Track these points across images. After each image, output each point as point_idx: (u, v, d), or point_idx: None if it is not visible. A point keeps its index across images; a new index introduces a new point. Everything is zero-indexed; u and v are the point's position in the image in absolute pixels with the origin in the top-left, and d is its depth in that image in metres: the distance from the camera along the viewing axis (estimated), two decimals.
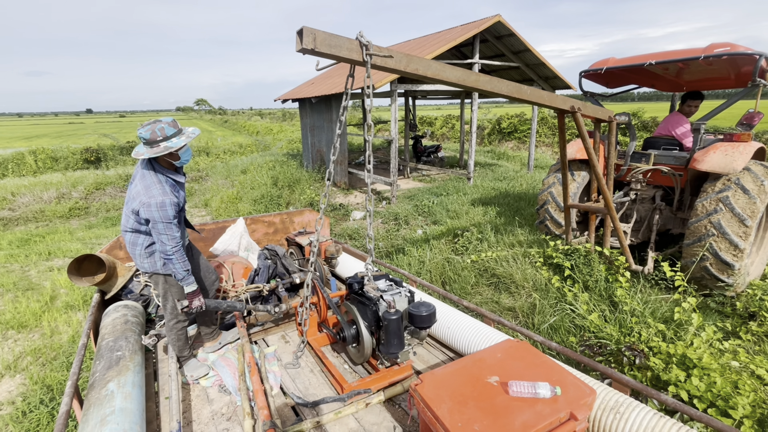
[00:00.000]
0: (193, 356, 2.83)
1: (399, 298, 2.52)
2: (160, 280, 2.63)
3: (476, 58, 9.31)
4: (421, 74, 2.30)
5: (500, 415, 1.66)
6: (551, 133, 18.70)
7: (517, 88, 2.91)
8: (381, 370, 2.61)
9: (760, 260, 4.57)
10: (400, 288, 2.61)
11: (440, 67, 2.38)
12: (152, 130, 2.27)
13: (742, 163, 3.96)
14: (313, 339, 3.02)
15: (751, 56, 3.88)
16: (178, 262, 2.42)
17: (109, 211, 11.01)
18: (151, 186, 2.31)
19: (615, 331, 3.39)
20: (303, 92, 12.00)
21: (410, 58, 2.22)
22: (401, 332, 2.41)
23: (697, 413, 1.95)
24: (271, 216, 4.90)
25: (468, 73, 2.54)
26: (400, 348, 2.42)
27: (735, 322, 3.67)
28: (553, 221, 5.36)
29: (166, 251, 2.36)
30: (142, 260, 2.56)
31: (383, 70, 2.22)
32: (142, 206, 2.28)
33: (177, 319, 2.70)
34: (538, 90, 3.09)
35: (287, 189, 10.11)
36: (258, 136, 30.32)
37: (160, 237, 2.33)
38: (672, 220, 4.89)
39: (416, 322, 2.41)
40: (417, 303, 2.48)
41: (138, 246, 2.52)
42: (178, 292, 2.66)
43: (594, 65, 5.05)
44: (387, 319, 2.35)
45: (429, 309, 2.40)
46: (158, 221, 2.29)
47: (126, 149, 19.81)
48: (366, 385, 2.50)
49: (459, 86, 2.59)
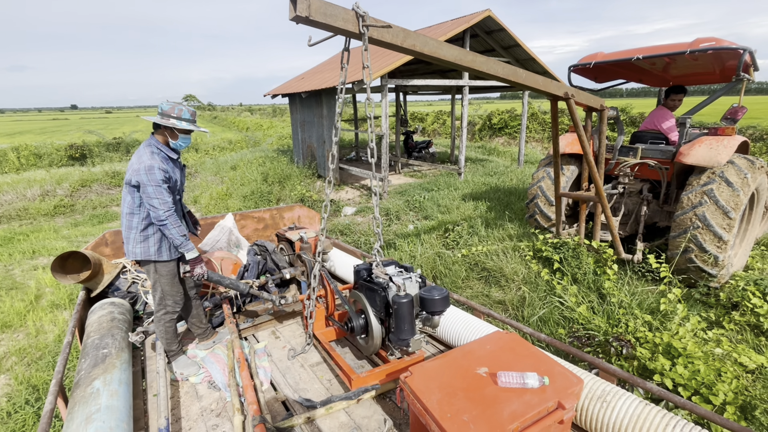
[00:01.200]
0: (182, 352, 2.80)
1: (410, 283, 2.42)
2: (151, 269, 2.59)
3: None
4: (418, 51, 2.24)
5: (489, 405, 1.67)
6: (541, 129, 18.83)
7: (512, 71, 2.88)
8: (391, 362, 2.52)
9: (743, 252, 4.67)
10: (410, 273, 2.50)
11: (437, 45, 2.33)
12: (173, 107, 2.45)
13: (726, 157, 4.03)
14: (321, 333, 2.96)
15: (735, 51, 3.94)
16: (173, 226, 2.41)
17: (96, 208, 10.80)
18: (143, 155, 2.40)
19: (603, 323, 3.45)
20: (293, 87, 11.89)
21: (407, 33, 2.17)
22: (412, 317, 2.30)
23: (682, 401, 1.99)
24: (260, 212, 4.86)
25: (465, 52, 2.50)
26: (411, 334, 2.32)
27: (718, 312, 3.75)
28: (542, 215, 5.41)
29: (159, 216, 2.36)
30: (135, 245, 2.51)
31: (379, 45, 2.15)
32: (134, 173, 2.35)
33: (165, 310, 2.67)
34: (534, 74, 3.07)
35: (277, 185, 10.03)
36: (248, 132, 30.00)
37: (151, 202, 2.34)
38: (659, 213, 4.96)
39: (428, 307, 2.29)
40: (429, 287, 2.38)
41: (133, 229, 2.49)
42: (168, 283, 2.63)
43: (583, 60, 5.08)
44: (397, 302, 2.24)
45: (442, 293, 2.29)
46: (147, 184, 2.33)
47: (113, 146, 19.43)
48: (376, 376, 2.42)
49: (455, 66, 2.53)
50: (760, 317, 3.40)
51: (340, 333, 3.01)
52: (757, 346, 3.24)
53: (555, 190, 4.48)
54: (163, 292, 2.64)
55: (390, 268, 2.56)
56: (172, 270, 2.64)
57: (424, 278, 2.53)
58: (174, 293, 2.68)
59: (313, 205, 8.91)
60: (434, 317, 2.40)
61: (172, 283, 2.65)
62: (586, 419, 2.03)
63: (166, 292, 2.65)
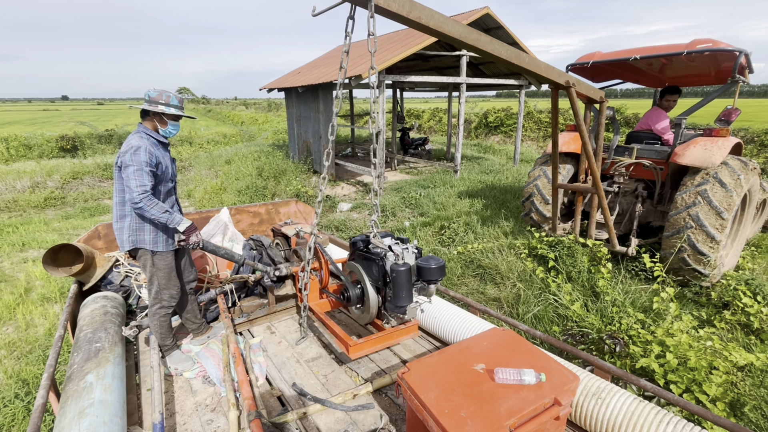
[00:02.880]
0: (176, 347, 2.78)
1: (407, 253, 2.46)
2: (147, 261, 2.54)
3: (464, 50, 9.29)
4: (423, 23, 2.21)
5: (486, 402, 1.67)
6: (537, 128, 18.90)
7: (516, 54, 2.84)
8: (387, 329, 2.53)
9: (735, 252, 4.74)
10: (407, 244, 2.54)
11: (443, 19, 2.29)
12: (160, 93, 2.44)
13: (720, 158, 4.07)
14: (315, 304, 2.99)
15: (731, 53, 3.97)
16: (150, 207, 2.31)
17: (87, 201, 10.66)
18: (131, 139, 2.37)
19: (597, 321, 3.48)
20: (289, 81, 11.79)
21: (414, 4, 2.13)
22: (410, 285, 2.34)
23: (674, 397, 2.01)
24: (256, 206, 4.82)
25: (470, 30, 2.45)
26: (409, 301, 2.36)
27: (710, 311, 3.80)
28: (538, 213, 5.43)
29: (133, 199, 2.28)
30: (130, 234, 2.46)
31: (384, 15, 2.11)
32: (120, 155, 2.32)
33: (161, 304, 2.64)
34: (536, 60, 3.05)
35: (273, 180, 9.97)
36: (243, 126, 29.74)
37: (128, 183, 2.28)
38: (653, 213, 5.01)
39: (425, 275, 2.33)
40: (426, 257, 2.43)
41: (127, 216, 2.45)
42: (165, 276, 2.60)
43: (580, 59, 5.10)
44: (396, 270, 2.28)
45: (438, 262, 2.33)
46: (129, 164, 2.27)
47: (105, 138, 19.16)
48: (372, 343, 2.44)
49: (459, 43, 2.49)
50: (751, 316, 3.45)
51: (335, 304, 3.03)
52: (747, 345, 3.29)
53: (552, 181, 4.51)
54: (159, 286, 2.60)
55: (387, 240, 2.59)
56: (169, 263, 2.60)
57: (420, 249, 2.56)
58: (170, 287, 2.64)
59: (309, 201, 8.87)
60: (430, 286, 2.44)
61: (169, 277, 2.62)
62: (582, 416, 2.05)
63: (163, 286, 2.61)
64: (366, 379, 2.56)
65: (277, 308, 3.42)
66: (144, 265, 2.57)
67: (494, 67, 11.93)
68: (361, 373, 2.63)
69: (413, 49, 8.41)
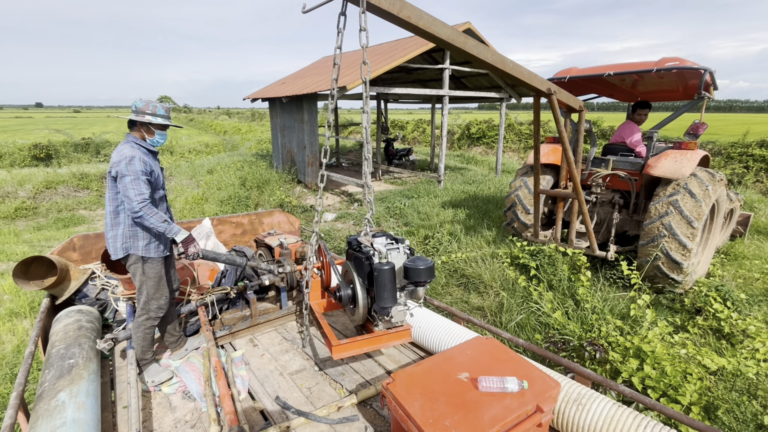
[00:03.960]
0: (154, 360, 2.70)
1: (396, 253, 2.41)
2: (138, 270, 2.52)
3: (447, 64, 9.50)
4: (412, 23, 2.25)
5: (470, 410, 1.69)
6: (517, 140, 19.35)
7: (501, 59, 2.90)
8: (375, 332, 2.48)
9: (705, 259, 4.93)
10: (398, 244, 2.48)
11: (432, 20, 2.33)
12: (147, 104, 2.46)
13: (689, 170, 4.27)
14: (315, 303, 2.97)
15: (697, 71, 4.19)
16: (150, 216, 2.35)
17: (61, 211, 10.30)
18: (123, 149, 2.39)
19: (577, 328, 3.55)
20: (273, 92, 11.78)
21: (404, 4, 2.17)
22: (393, 286, 2.28)
23: (651, 402, 2.07)
24: (239, 217, 4.77)
25: (457, 32, 2.50)
26: (392, 303, 2.30)
27: (683, 317, 3.93)
28: (520, 223, 5.54)
29: (133, 208, 2.31)
30: (123, 241, 2.44)
31: (375, 13, 2.14)
32: (114, 166, 2.33)
33: (148, 315, 2.59)
34: (520, 66, 3.12)
35: (256, 190, 9.86)
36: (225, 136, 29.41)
37: (127, 192, 2.29)
38: (628, 222, 5.18)
39: (412, 276, 2.26)
40: (414, 257, 2.36)
41: (121, 224, 2.44)
42: (155, 285, 2.57)
43: (558, 74, 5.28)
44: (378, 269, 2.23)
45: (427, 263, 2.27)
46: (125, 175, 2.29)
47: (81, 146, 18.62)
48: (357, 345, 2.38)
49: (446, 45, 2.53)
50: (721, 321, 3.59)
51: (336, 305, 2.98)
52: (718, 349, 3.42)
53: (534, 187, 4.62)
54: (148, 296, 2.57)
55: (380, 239, 2.55)
56: (159, 272, 2.58)
57: (413, 250, 2.52)
58: (159, 297, 2.61)
59: (293, 211, 8.81)
60: (418, 289, 2.37)
61: (157, 286, 2.59)
62: (563, 422, 2.09)
63: (151, 296, 2.58)
64: (351, 391, 2.54)
65: (260, 320, 3.37)
66: (134, 274, 2.54)
67: (476, 80, 12.23)
68: (346, 384, 2.61)
69: (397, 61, 8.55)
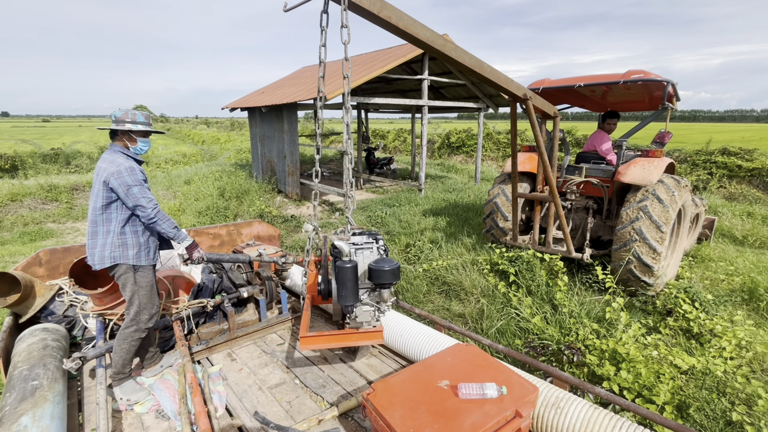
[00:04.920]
0: (130, 377, 2.59)
1: (368, 252, 2.40)
2: (129, 280, 2.45)
3: (425, 74, 9.67)
4: (393, 23, 2.26)
5: (451, 418, 1.69)
6: (496, 149, 19.79)
7: (478, 63, 2.95)
8: (346, 329, 2.47)
9: (675, 263, 5.13)
10: (372, 244, 2.47)
11: (411, 22, 2.36)
12: (126, 113, 2.47)
13: (657, 176, 4.46)
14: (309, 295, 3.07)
15: (660, 83, 4.41)
16: (163, 221, 2.44)
17: (27, 225, 9.83)
18: (116, 158, 2.39)
19: (556, 332, 3.62)
20: (253, 101, 11.69)
21: (384, 4, 2.19)
22: (353, 285, 2.26)
23: (626, 403, 2.13)
24: (216, 228, 4.67)
25: (436, 35, 2.53)
26: (352, 301, 2.29)
27: (656, 318, 4.07)
28: (498, 229, 5.64)
29: (148, 215, 2.37)
30: (112, 250, 2.38)
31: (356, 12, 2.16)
32: (112, 176, 2.31)
33: (137, 326, 2.51)
34: (497, 71, 3.19)
35: (235, 200, 9.70)
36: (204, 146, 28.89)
37: (138, 202, 2.34)
38: (602, 228, 5.35)
39: (374, 278, 2.25)
40: (380, 259, 2.35)
41: (110, 233, 2.38)
42: (147, 294, 2.51)
43: (531, 85, 5.45)
44: (338, 267, 2.23)
45: (392, 264, 2.25)
46: (132, 185, 2.33)
47: (50, 157, 17.91)
48: (325, 339, 2.41)
49: (426, 47, 2.55)
50: (690, 322, 3.73)
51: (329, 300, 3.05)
52: (689, 349, 3.54)
53: (512, 190, 4.72)
54: (140, 306, 2.49)
55: (357, 237, 2.56)
56: (150, 280, 2.53)
57: (387, 250, 2.52)
58: (151, 307, 2.55)
59: (273, 221, 8.70)
60: (383, 291, 2.35)
61: (150, 295, 2.53)
62: (542, 426, 2.11)
63: (143, 306, 2.50)
64: (332, 403, 2.50)
65: (238, 334, 3.29)
66: (124, 285, 2.47)
67: (454, 90, 12.48)
68: (327, 397, 2.57)
69: (377, 71, 8.65)
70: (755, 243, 6.63)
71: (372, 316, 2.44)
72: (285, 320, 3.57)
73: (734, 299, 4.39)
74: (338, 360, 2.99)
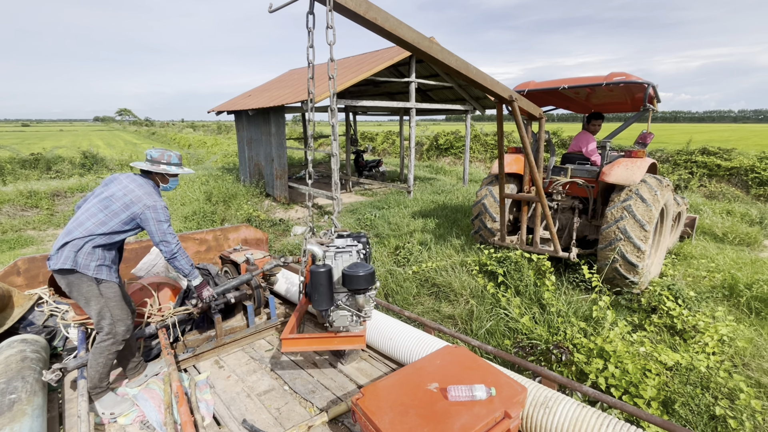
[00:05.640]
0: (109, 390, 2.52)
1: (347, 256, 2.38)
2: (93, 293, 2.37)
3: (413, 77, 9.72)
4: (379, 24, 2.25)
5: (440, 421, 1.69)
6: (483, 150, 19.97)
7: (464, 65, 2.96)
8: (328, 332, 2.46)
9: (658, 261, 5.24)
10: (352, 247, 2.44)
11: (397, 23, 2.35)
12: (162, 153, 2.64)
13: (639, 176, 4.55)
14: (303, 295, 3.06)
15: (641, 84, 4.51)
16: (183, 257, 2.58)
17: (6, 232, 9.54)
18: (152, 192, 2.54)
19: (544, 332, 3.65)
20: (239, 104, 11.58)
21: (370, 5, 2.18)
22: (327, 289, 2.25)
23: (613, 400, 2.15)
24: (203, 233, 4.60)
25: (423, 36, 2.53)
26: (326, 305, 2.28)
27: (641, 316, 4.14)
28: (487, 230, 5.68)
29: (171, 250, 2.52)
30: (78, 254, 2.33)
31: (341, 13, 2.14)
32: (148, 209, 2.44)
33: (113, 339, 2.42)
34: (483, 72, 3.19)
35: (222, 204, 9.58)
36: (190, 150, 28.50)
37: (166, 237, 2.50)
38: (588, 227, 5.43)
39: (347, 283, 2.22)
40: (354, 263, 2.31)
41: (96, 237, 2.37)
42: (118, 306, 2.44)
43: (517, 87, 5.52)
44: (312, 271, 2.22)
45: (367, 269, 2.21)
46: (164, 221, 2.49)
47: (30, 162, 17.42)
48: (306, 342, 2.41)
49: (412, 49, 2.55)
50: (674, 319, 3.80)
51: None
52: (673, 345, 3.61)
53: (500, 191, 4.77)
54: (113, 318, 2.41)
55: (340, 240, 2.55)
56: (117, 292, 2.46)
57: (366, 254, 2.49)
58: (125, 317, 2.48)
59: (261, 225, 8.61)
60: (357, 297, 2.32)
61: (121, 306, 2.46)
62: (531, 426, 2.12)
63: (117, 317, 2.42)
64: (321, 409, 2.48)
65: (226, 340, 3.24)
66: (88, 299, 2.37)
67: (441, 93, 12.56)
68: (317, 402, 2.55)
69: (364, 74, 8.66)
70: (734, 240, 6.82)
71: (350, 321, 2.41)
72: (273, 325, 3.53)
73: (715, 295, 4.50)
74: (328, 365, 2.96)
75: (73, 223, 2.40)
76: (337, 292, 2.43)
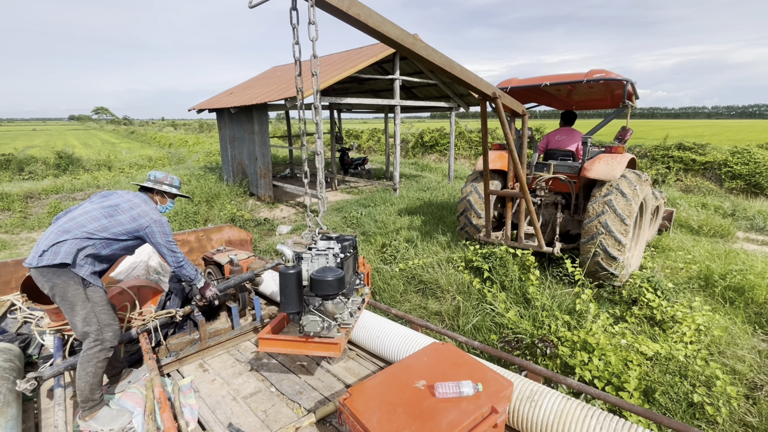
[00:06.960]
0: (103, 402, 2.40)
1: (323, 258, 2.36)
2: (79, 297, 2.27)
3: (397, 74, 9.70)
4: (362, 21, 2.23)
5: (428, 418, 1.69)
6: (468, 147, 20.14)
7: (448, 62, 2.96)
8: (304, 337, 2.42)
9: (638, 253, 5.38)
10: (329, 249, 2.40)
11: (381, 20, 2.33)
12: (166, 176, 2.84)
13: (620, 171, 4.65)
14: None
15: (620, 81, 4.61)
16: (188, 265, 2.72)
17: None
18: (156, 209, 2.67)
19: (529, 326, 3.71)
20: (221, 102, 11.37)
21: (353, 1, 2.15)
22: (294, 292, 2.20)
23: (597, 392, 2.20)
24: (185, 234, 4.50)
25: (407, 33, 2.50)
26: (294, 308, 2.23)
27: (622, 308, 4.24)
28: (472, 226, 5.73)
29: (178, 260, 2.66)
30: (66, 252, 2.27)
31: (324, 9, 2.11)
32: (155, 223, 2.55)
33: (101, 346, 2.30)
34: (467, 69, 3.20)
35: (205, 204, 9.40)
36: (171, 149, 27.87)
37: (171, 247, 2.63)
38: (571, 222, 5.53)
39: (313, 288, 2.16)
40: (326, 267, 2.27)
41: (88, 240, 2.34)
42: (104, 310, 2.37)
43: (500, 84, 5.57)
44: (281, 272, 2.18)
45: (335, 274, 2.15)
46: (169, 234, 2.63)
47: (1, 163, 16.74)
48: (281, 343, 2.41)
49: (396, 45, 2.53)
50: (654, 310, 3.91)
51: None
52: (653, 336, 3.72)
53: (485, 188, 4.80)
54: (100, 323, 2.32)
55: (322, 243, 2.53)
56: (103, 296, 2.39)
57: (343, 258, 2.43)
58: (113, 322, 2.40)
59: (245, 225, 8.48)
60: (326, 303, 2.28)
61: (107, 310, 2.39)
62: (518, 419, 2.15)
63: (104, 323, 2.34)
64: (309, 410, 2.46)
65: (210, 343, 3.18)
66: (74, 303, 2.26)
67: (426, 90, 12.59)
68: (304, 403, 2.52)
69: (348, 71, 8.60)
70: (709, 232, 7.06)
71: (321, 328, 2.34)
72: (259, 327, 3.48)
73: (692, 286, 4.65)
74: (315, 365, 2.94)
75: (70, 223, 2.32)
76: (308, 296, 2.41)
